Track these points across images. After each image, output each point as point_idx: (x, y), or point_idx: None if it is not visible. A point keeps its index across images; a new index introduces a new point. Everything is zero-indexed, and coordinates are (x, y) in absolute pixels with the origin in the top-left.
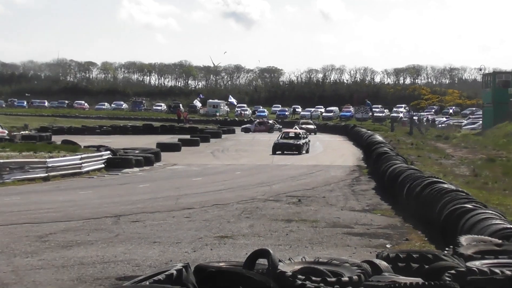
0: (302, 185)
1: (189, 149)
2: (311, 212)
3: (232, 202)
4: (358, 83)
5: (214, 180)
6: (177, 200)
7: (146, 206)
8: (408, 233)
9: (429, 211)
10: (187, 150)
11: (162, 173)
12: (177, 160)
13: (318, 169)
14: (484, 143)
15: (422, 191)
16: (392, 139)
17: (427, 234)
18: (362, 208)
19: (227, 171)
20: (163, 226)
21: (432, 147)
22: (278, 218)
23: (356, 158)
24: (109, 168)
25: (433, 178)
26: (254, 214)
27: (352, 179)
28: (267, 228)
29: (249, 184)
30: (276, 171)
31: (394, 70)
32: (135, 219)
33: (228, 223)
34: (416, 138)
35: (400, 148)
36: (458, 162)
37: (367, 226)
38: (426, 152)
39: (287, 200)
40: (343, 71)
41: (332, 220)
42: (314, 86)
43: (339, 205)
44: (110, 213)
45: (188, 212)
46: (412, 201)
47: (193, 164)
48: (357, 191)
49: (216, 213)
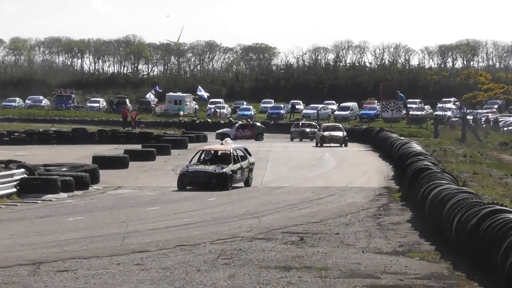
0: (305, 217)
1: (140, 164)
2: (319, 255)
3: (203, 242)
4: (386, 67)
5: (177, 210)
6: (124, 240)
7: (78, 249)
8: (460, 285)
9: (490, 253)
10: (138, 166)
11: (101, 201)
12: (123, 181)
13: (329, 192)
14: None
15: (479, 224)
16: (436, 149)
17: (486, 286)
18: (393, 250)
19: (195, 196)
20: (103, 278)
21: (494, 160)
22: (270, 264)
23: (383, 177)
24: (23, 194)
25: (495, 206)
26: (236, 259)
27: (377, 207)
28: (255, 280)
29: (229, 215)
30: (268, 196)
31: (439, 48)
32: (62, 268)
33: (198, 273)
34: (471, 147)
35: (447, 162)
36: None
37: (400, 275)
38: (486, 167)
39: (283, 238)
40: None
41: (348, 267)
42: (322, 72)
43: (359, 246)
44: (25, 259)
45: (140, 257)
46: (465, 238)
47: (147, 187)
48: (385, 225)
49: (181, 258)
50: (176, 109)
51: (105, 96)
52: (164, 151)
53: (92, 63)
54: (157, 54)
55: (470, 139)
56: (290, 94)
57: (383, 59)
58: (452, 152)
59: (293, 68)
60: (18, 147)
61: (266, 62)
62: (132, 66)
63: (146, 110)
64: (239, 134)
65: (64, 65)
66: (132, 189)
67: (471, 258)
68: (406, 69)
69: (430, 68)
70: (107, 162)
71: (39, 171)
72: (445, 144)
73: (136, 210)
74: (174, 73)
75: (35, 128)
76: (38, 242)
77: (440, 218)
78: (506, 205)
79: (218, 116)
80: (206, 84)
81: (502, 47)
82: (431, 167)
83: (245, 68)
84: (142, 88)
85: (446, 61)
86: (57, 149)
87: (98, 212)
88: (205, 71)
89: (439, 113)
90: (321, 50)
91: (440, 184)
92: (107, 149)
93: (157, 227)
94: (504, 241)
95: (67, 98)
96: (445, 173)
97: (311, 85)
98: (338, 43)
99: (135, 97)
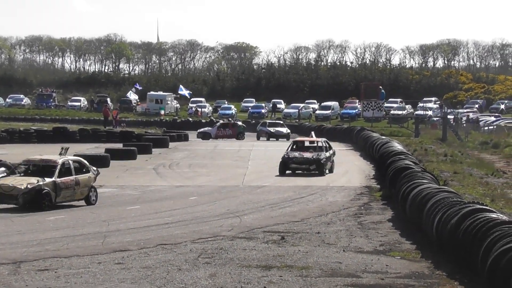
0: (286, 216)
1: (121, 163)
2: (300, 254)
3: (184, 241)
4: (367, 66)
5: (158, 209)
6: (105, 239)
7: (59, 248)
8: (441, 284)
9: (470, 252)
10: (119, 165)
11: None
12: (104, 180)
13: (310, 191)
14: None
15: (460, 224)
16: (417, 148)
17: (467, 285)
18: (374, 249)
19: (177, 195)
20: (84, 277)
21: (475, 160)
22: (251, 264)
23: (364, 176)
24: None
25: (476, 205)
26: (217, 258)
27: (359, 207)
28: (236, 279)
29: (210, 214)
30: (249, 195)
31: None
32: (43, 267)
33: (179, 272)
34: (452, 147)
35: (428, 161)
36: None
37: (381, 274)
38: (466, 166)
39: (264, 237)
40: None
41: (330, 267)
42: (303, 72)
43: (340, 245)
44: (6, 258)
45: (121, 256)
46: (446, 237)
47: (128, 186)
48: (366, 224)
49: (162, 257)
50: (157, 108)
51: (86, 95)
52: (145, 150)
53: (73, 62)
54: (138, 53)
55: (451, 139)
56: (271, 93)
57: (364, 59)
58: (433, 152)
59: (275, 68)
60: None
61: (248, 61)
62: (113, 65)
63: (127, 109)
64: (220, 133)
65: (45, 64)
66: (113, 188)
67: (452, 257)
68: (387, 68)
69: (411, 67)
70: (88, 161)
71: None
72: (426, 143)
73: (117, 209)
74: (156, 72)
75: (16, 127)
76: (19, 241)
77: (421, 217)
78: (487, 204)
79: (199, 115)
80: (188, 83)
81: (482, 47)
82: (412, 167)
83: (226, 67)
84: (123, 87)
85: (427, 60)
86: (38, 148)
87: (79, 211)
88: (187, 70)
89: (420, 113)
90: (302, 50)
91: (420, 184)
92: (88, 148)
93: (138, 226)
94: (484, 240)
95: (48, 97)
96: (426, 173)
97: (292, 85)
98: (320, 43)
99: (116, 96)
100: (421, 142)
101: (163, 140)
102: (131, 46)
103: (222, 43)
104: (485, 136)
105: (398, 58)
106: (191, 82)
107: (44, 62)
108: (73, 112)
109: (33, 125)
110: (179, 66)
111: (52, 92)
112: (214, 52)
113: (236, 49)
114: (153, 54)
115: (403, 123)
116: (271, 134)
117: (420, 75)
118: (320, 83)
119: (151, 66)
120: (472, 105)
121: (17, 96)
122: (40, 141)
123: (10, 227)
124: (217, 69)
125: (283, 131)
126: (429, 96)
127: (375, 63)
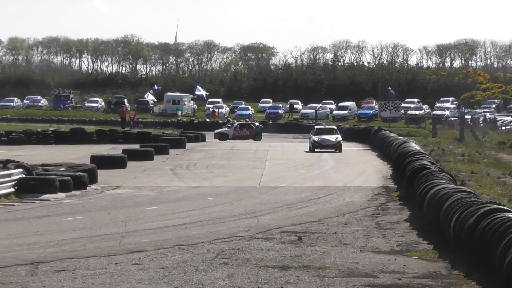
0: (303, 216)
1: (138, 164)
2: (317, 255)
3: (201, 242)
4: (384, 66)
5: (176, 210)
6: (122, 240)
7: (76, 249)
8: (458, 284)
9: (488, 252)
10: (136, 166)
11: (99, 201)
12: (122, 181)
13: (327, 192)
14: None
15: (477, 224)
16: (435, 148)
17: (484, 285)
18: (391, 249)
19: (194, 196)
20: (101, 278)
21: (492, 160)
22: (268, 264)
23: (382, 176)
24: (21, 193)
25: (493, 205)
26: (234, 258)
27: (376, 207)
28: (253, 279)
29: (227, 215)
30: (266, 195)
31: (437, 47)
32: (61, 268)
33: (196, 272)
34: (469, 147)
35: (446, 161)
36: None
37: (398, 274)
38: (484, 166)
39: (281, 237)
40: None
41: (347, 267)
42: (320, 72)
43: (357, 245)
44: (23, 259)
45: (138, 256)
46: (463, 237)
47: (145, 187)
48: (384, 224)
49: (179, 257)
50: (174, 109)
51: (104, 96)
52: (163, 151)
53: (90, 63)
54: (155, 54)
55: (468, 139)
56: (288, 94)
57: (381, 59)
58: (450, 152)
59: (292, 68)
60: (16, 147)
61: (265, 62)
62: (131, 66)
63: (145, 110)
64: (238, 134)
65: (62, 65)
66: (130, 188)
67: (469, 257)
68: (404, 68)
69: (428, 67)
70: (105, 162)
71: (37, 171)
72: (443, 143)
73: (135, 209)
74: (173, 73)
75: (33, 128)
76: (36, 242)
77: (438, 217)
78: (504, 204)
79: (216, 115)
80: (205, 84)
81: (500, 47)
82: (429, 167)
83: (243, 68)
84: (140, 88)
85: (444, 60)
86: (55, 149)
87: (96, 212)
88: (204, 71)
89: (437, 113)
90: (319, 50)
91: (438, 184)
92: (105, 149)
93: (155, 227)
94: (502, 240)
95: (65, 98)
96: (443, 173)
97: (309, 85)
98: (337, 43)
99: (134, 97)
100: (438, 142)
101: (180, 141)
102: (148, 47)
103: (239, 44)
104: (502, 136)
105: (415, 58)
106: (208, 82)
107: (61, 63)
108: (90, 113)
109: (51, 126)
110: (196, 67)
111: (70, 93)
112: (231, 52)
113: (253, 49)
114: (170, 55)
115: (420, 123)
116: (314, 144)
117: (438, 75)
118: (337, 83)
119: (168, 67)
120: (489, 105)
121: (34, 97)
122: (57, 142)
123: (28, 228)
124: (234, 69)
125: (332, 139)
126: (447, 96)
127: (392, 63)
